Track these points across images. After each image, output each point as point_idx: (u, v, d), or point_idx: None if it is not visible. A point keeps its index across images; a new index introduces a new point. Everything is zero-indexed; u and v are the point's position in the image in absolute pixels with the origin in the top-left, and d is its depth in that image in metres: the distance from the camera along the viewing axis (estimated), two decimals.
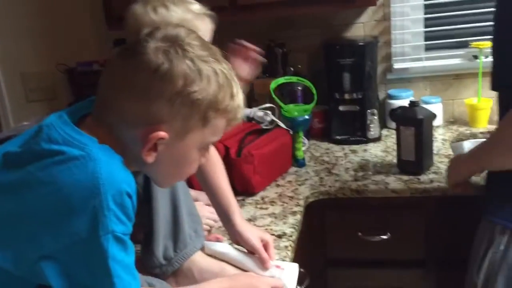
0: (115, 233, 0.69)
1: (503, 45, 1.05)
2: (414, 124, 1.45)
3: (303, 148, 1.72)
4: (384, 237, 1.46)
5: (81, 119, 0.78)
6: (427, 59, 1.92)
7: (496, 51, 1.08)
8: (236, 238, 1.06)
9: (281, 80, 1.66)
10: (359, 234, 1.47)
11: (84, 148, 0.70)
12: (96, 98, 0.77)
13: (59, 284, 0.70)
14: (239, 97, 0.80)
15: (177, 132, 0.74)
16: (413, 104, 1.49)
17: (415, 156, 1.47)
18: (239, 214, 1.08)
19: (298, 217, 1.32)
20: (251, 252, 1.05)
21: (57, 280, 0.70)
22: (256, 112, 1.77)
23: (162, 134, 0.73)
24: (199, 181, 1.09)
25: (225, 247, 1.06)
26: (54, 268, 0.69)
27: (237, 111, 0.79)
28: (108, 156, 0.72)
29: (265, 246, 1.04)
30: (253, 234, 1.06)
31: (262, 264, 1.02)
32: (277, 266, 1.03)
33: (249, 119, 1.77)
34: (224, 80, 0.76)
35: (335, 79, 1.79)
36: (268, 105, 1.79)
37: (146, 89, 0.72)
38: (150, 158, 0.75)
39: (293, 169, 1.64)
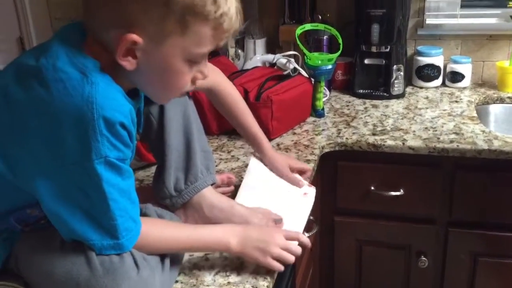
0: (108, 158, 0.70)
1: None
2: None
3: (324, 99, 1.70)
4: (397, 193, 1.45)
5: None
6: (462, 16, 1.84)
7: None
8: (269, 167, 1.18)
9: (308, 26, 1.62)
10: (372, 188, 1.47)
11: (86, 71, 0.70)
12: (82, 5, 0.75)
13: (51, 204, 0.72)
14: (226, 4, 0.72)
15: (152, 36, 0.71)
16: None
17: None
18: (266, 145, 1.16)
19: (312, 165, 1.32)
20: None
21: (49, 199, 0.71)
22: (279, 58, 1.75)
23: (134, 37, 0.70)
24: (228, 119, 1.16)
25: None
26: (49, 188, 0.71)
27: (222, 19, 0.72)
28: (107, 84, 0.71)
29: (300, 173, 1.19)
30: (282, 163, 1.17)
31: (295, 184, 1.15)
32: (305, 194, 1.14)
33: (272, 65, 1.75)
34: None
35: (363, 31, 1.74)
36: (292, 52, 1.76)
37: None
38: (129, 65, 0.73)
39: (311, 118, 1.62)
